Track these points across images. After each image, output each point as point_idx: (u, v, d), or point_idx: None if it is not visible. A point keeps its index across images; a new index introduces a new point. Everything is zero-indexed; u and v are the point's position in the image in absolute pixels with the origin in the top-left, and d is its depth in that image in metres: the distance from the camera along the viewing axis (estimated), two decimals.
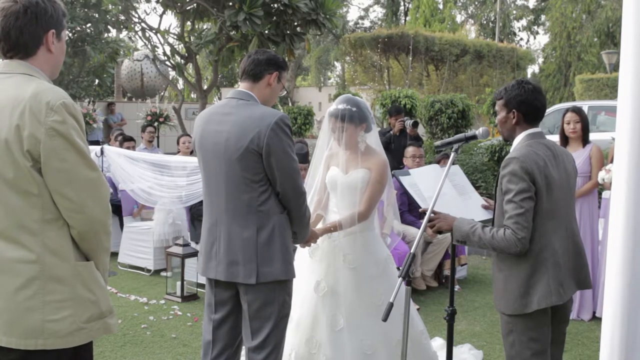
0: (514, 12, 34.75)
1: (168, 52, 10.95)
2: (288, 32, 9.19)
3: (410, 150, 5.97)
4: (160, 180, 6.20)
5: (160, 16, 10.81)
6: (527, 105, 2.69)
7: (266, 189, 2.73)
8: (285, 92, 3.09)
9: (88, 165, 1.95)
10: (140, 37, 11.21)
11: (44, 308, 1.90)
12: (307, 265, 3.41)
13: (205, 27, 11.30)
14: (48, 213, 1.92)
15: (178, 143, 7.68)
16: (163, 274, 6.29)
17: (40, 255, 1.90)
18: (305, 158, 5.26)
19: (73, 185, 1.91)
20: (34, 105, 1.87)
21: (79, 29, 13.24)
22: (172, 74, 15.04)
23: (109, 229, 2.05)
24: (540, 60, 31.89)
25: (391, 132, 7.27)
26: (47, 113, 1.87)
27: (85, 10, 13.09)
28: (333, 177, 3.48)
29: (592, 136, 5.24)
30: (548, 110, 11.59)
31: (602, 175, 4.88)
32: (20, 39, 1.96)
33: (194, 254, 5.57)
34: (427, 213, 2.72)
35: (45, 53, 2.01)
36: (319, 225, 3.44)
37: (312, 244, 3.31)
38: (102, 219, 1.99)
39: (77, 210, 1.93)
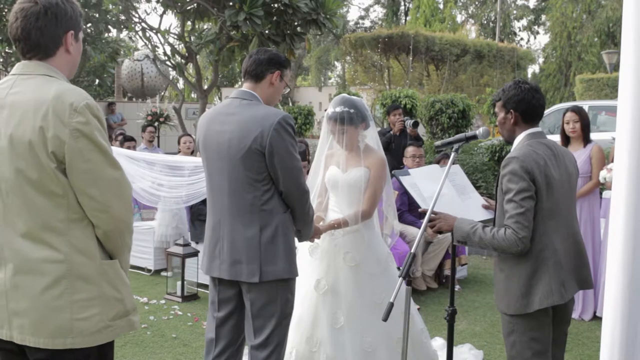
0: (514, 12, 34.75)
1: (168, 52, 10.95)
2: (288, 32, 9.18)
3: (410, 150, 5.97)
4: (161, 180, 6.20)
5: (161, 16, 10.80)
6: (525, 105, 2.69)
7: (269, 188, 2.74)
8: (289, 89, 3.10)
9: (112, 165, 1.96)
10: (140, 37, 11.21)
11: (71, 307, 1.91)
12: (308, 263, 3.42)
13: (205, 27, 11.30)
14: (73, 213, 1.93)
15: (179, 143, 7.69)
16: (163, 273, 6.30)
17: (67, 254, 1.91)
18: (303, 156, 5.27)
19: (98, 185, 1.92)
20: (57, 106, 1.87)
21: None
22: (172, 73, 15.05)
23: (132, 228, 2.07)
24: (541, 60, 31.90)
25: (391, 132, 7.27)
26: (70, 114, 1.87)
27: (86, 10, 13.08)
28: (333, 176, 3.49)
29: (592, 136, 5.24)
30: (548, 110, 11.63)
31: (603, 174, 4.88)
32: (40, 40, 1.97)
33: (195, 253, 5.57)
34: (428, 213, 2.73)
35: (63, 54, 2.02)
36: (320, 224, 3.44)
37: (312, 242, 3.32)
38: (126, 217, 2.01)
39: (102, 209, 1.94)
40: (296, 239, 2.95)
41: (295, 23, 9.26)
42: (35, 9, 1.95)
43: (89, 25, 13.25)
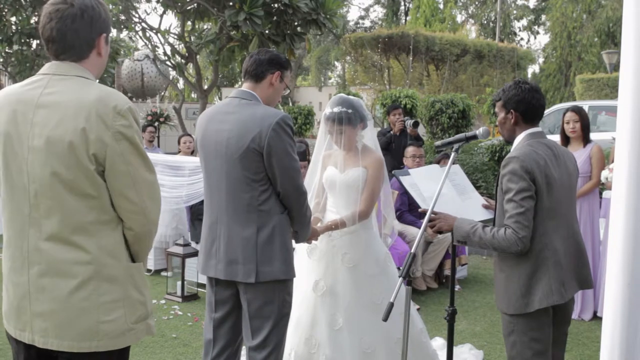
0: (515, 12, 34.76)
1: (168, 52, 10.95)
2: (288, 32, 9.18)
3: (410, 150, 5.97)
4: (161, 179, 6.19)
5: (161, 16, 10.80)
6: (525, 105, 2.69)
7: (267, 189, 2.74)
8: (288, 91, 3.10)
9: (148, 168, 1.99)
10: (140, 37, 11.20)
11: (98, 309, 1.91)
12: (306, 264, 3.41)
13: (205, 27, 11.30)
14: (104, 214, 1.94)
15: (179, 143, 7.69)
16: (163, 273, 6.30)
17: (96, 255, 1.91)
18: (303, 156, 5.27)
19: (136, 188, 1.94)
20: (100, 109, 1.88)
21: None
22: (172, 73, 15.04)
23: (156, 231, 2.09)
24: (541, 60, 31.90)
25: (391, 132, 7.27)
26: (114, 117, 1.89)
27: None
28: (331, 176, 3.48)
29: (593, 136, 5.24)
30: (548, 111, 11.63)
31: (605, 174, 4.88)
32: (76, 42, 1.97)
33: (195, 253, 5.57)
34: (428, 213, 2.72)
35: (95, 56, 2.03)
36: (318, 225, 3.44)
37: (310, 244, 3.31)
38: (157, 220, 2.04)
39: (138, 211, 1.96)
40: (293, 240, 2.95)
41: (295, 23, 9.26)
42: (71, 11, 1.95)
43: None
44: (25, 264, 1.93)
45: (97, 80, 2.09)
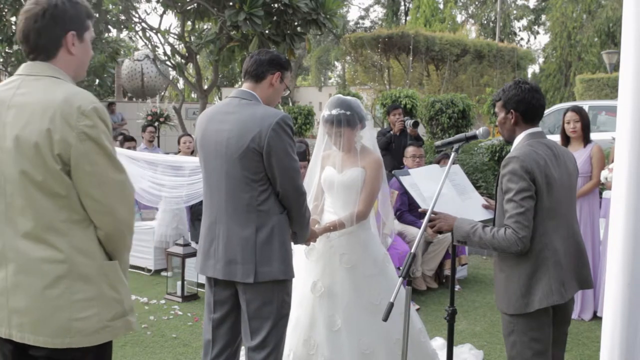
0: (515, 12, 34.76)
1: (168, 52, 10.95)
2: (288, 32, 9.18)
3: (410, 150, 5.97)
4: (161, 179, 6.20)
5: (161, 16, 10.81)
6: (525, 105, 2.69)
7: (266, 189, 2.73)
8: (289, 91, 3.09)
9: (116, 168, 1.98)
10: (140, 37, 11.21)
11: (71, 307, 1.93)
12: (304, 265, 3.40)
13: (205, 27, 11.31)
14: (75, 214, 1.95)
15: (179, 143, 7.69)
16: (163, 273, 6.29)
17: (68, 254, 1.93)
18: (303, 156, 5.27)
19: (102, 188, 1.94)
20: (65, 109, 1.89)
21: None
22: (172, 73, 15.05)
23: (133, 229, 2.09)
24: (541, 60, 31.90)
25: (391, 132, 7.27)
26: (78, 117, 1.89)
27: None
28: (329, 176, 3.47)
29: (592, 136, 5.24)
30: (548, 110, 11.63)
31: (605, 174, 4.88)
32: (39, 42, 1.98)
33: (195, 253, 5.56)
34: (428, 213, 2.72)
35: (66, 55, 2.02)
36: (316, 227, 3.43)
37: (308, 246, 3.30)
38: (128, 220, 2.03)
39: (105, 212, 1.96)
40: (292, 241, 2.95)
41: (295, 23, 9.27)
42: (34, 10, 1.96)
43: None
44: (2, 261, 1.96)
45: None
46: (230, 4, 9.03)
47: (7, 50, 11.76)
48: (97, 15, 12.83)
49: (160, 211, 6.59)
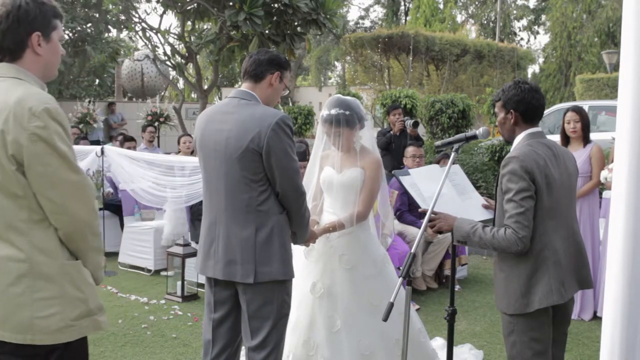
0: (515, 12, 34.75)
1: (168, 52, 10.96)
2: (288, 32, 9.19)
3: (410, 150, 5.97)
4: (161, 180, 6.20)
5: (161, 16, 10.81)
6: (525, 105, 2.69)
7: (266, 189, 2.73)
8: (288, 91, 3.09)
9: (71, 169, 1.98)
10: (140, 37, 11.22)
11: (32, 305, 1.95)
12: (303, 266, 3.39)
13: (205, 27, 11.31)
14: (35, 214, 1.96)
15: (179, 143, 7.69)
16: (163, 273, 6.29)
17: (29, 253, 1.95)
18: (303, 156, 5.26)
19: (56, 189, 1.94)
20: (17, 111, 1.90)
21: (79, 29, 13.26)
22: (172, 74, 15.05)
23: (96, 230, 2.08)
24: (541, 60, 31.89)
25: (391, 132, 7.27)
26: (29, 119, 1.90)
27: (86, 10, 13.10)
28: (328, 177, 3.47)
29: (592, 136, 5.24)
30: (548, 110, 11.62)
31: (604, 174, 4.88)
32: (3, 43, 1.99)
33: (195, 253, 5.57)
34: (428, 213, 2.72)
35: (32, 55, 2.03)
36: (315, 228, 3.43)
37: (307, 247, 3.30)
38: (87, 219, 2.02)
39: (61, 212, 1.97)
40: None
41: (295, 23, 9.27)
42: None
43: (89, 25, 13.26)
44: None
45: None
46: (230, 4, 9.03)
47: None
48: (97, 15, 12.85)
49: (167, 209, 6.58)
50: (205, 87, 11.22)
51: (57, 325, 1.97)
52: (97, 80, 18.96)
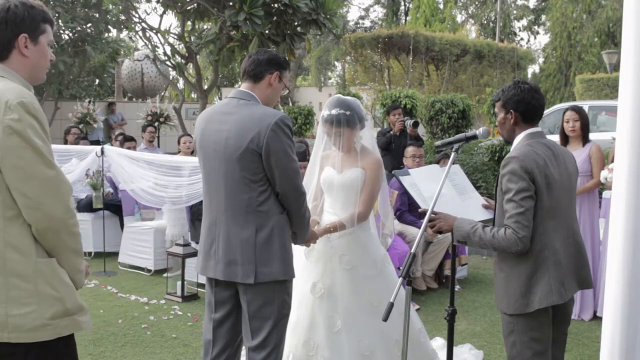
0: (515, 12, 34.75)
1: (168, 52, 10.96)
2: (288, 32, 9.19)
3: (410, 150, 5.97)
4: (161, 180, 6.20)
5: (161, 16, 10.81)
6: (525, 105, 2.69)
7: (266, 189, 2.73)
8: (287, 91, 3.09)
9: (45, 164, 1.97)
10: (140, 37, 11.22)
11: (7, 303, 1.95)
12: (303, 266, 3.39)
13: (205, 27, 11.31)
14: (9, 210, 1.96)
15: (179, 143, 7.68)
16: (164, 274, 6.29)
17: (2, 251, 1.95)
18: (303, 156, 5.26)
19: (30, 183, 1.94)
20: None
21: (79, 29, 13.25)
22: (172, 74, 15.05)
23: (72, 229, 2.06)
24: (541, 60, 31.89)
25: (391, 132, 7.27)
26: (5, 111, 1.91)
27: (86, 10, 13.10)
28: (328, 177, 3.47)
29: (592, 136, 5.24)
30: (548, 110, 11.62)
31: (604, 174, 4.88)
32: None
33: (194, 254, 5.57)
34: (428, 213, 2.72)
35: (19, 57, 2.05)
36: (315, 228, 3.43)
37: (308, 247, 3.30)
38: (61, 217, 2.01)
39: (34, 207, 1.96)
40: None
41: (295, 23, 9.27)
42: None
43: (89, 25, 13.26)
44: None
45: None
46: (230, 4, 9.04)
47: None
48: (97, 15, 12.85)
49: (165, 211, 6.57)
50: (205, 87, 11.22)
51: (33, 323, 1.97)
52: (97, 80, 18.94)
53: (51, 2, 12.19)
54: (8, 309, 1.94)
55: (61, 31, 13.03)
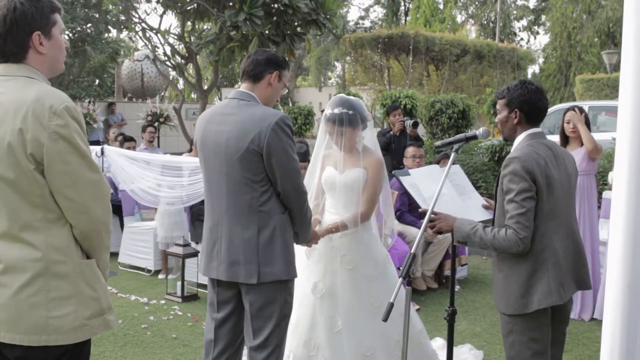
0: (514, 12, 34.75)
1: (168, 52, 10.94)
2: (288, 32, 9.18)
3: (410, 151, 5.97)
4: (161, 180, 6.20)
5: (161, 16, 10.80)
6: (530, 106, 2.69)
7: (267, 189, 2.73)
8: (287, 90, 3.09)
9: (90, 167, 1.98)
10: (140, 37, 11.20)
11: (47, 305, 1.93)
12: (304, 266, 3.39)
13: (205, 27, 11.30)
14: (51, 213, 1.96)
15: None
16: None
17: (45, 253, 1.94)
18: (304, 156, 5.26)
19: (76, 187, 1.95)
20: (37, 109, 1.89)
21: (79, 29, 13.26)
22: (172, 74, 15.04)
23: (110, 228, 2.09)
24: (541, 60, 31.89)
25: (391, 132, 7.27)
26: (50, 117, 1.89)
27: (86, 10, 13.11)
28: (330, 177, 3.46)
29: (593, 136, 5.23)
30: (548, 111, 11.60)
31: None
32: (5, 47, 1.98)
33: (195, 254, 5.57)
34: (428, 213, 2.72)
35: (35, 55, 2.02)
36: (317, 228, 3.43)
37: (310, 247, 3.30)
38: (104, 218, 2.04)
39: (80, 210, 1.97)
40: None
41: (295, 23, 9.26)
42: None
43: (89, 25, 13.26)
44: None
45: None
46: (230, 4, 9.03)
47: None
48: (97, 15, 12.85)
49: (157, 212, 6.54)
50: (205, 87, 11.21)
51: (72, 324, 1.96)
52: (97, 81, 18.96)
53: None
54: (48, 311, 1.93)
55: None
